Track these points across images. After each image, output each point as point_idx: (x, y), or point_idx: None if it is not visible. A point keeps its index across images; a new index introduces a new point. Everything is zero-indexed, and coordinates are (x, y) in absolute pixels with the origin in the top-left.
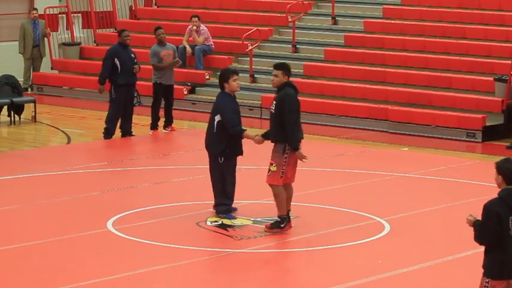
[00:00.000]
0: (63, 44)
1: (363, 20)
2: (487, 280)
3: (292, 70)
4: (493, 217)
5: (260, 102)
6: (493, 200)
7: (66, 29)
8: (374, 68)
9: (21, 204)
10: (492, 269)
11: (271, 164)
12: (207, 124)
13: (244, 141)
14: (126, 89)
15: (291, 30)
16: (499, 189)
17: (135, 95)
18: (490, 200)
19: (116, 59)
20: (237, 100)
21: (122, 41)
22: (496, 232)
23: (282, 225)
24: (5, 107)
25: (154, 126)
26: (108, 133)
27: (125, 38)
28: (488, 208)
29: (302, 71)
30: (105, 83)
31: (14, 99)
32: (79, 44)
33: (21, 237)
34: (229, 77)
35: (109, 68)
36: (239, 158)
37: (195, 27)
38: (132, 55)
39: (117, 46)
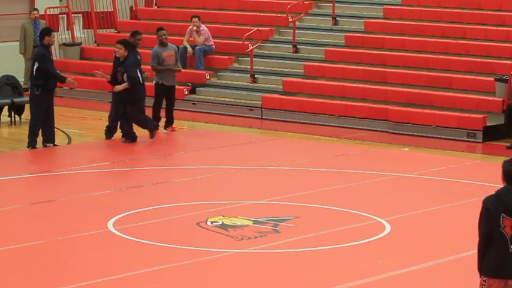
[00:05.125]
0: (64, 44)
1: (363, 20)
2: (484, 279)
3: (292, 70)
4: (485, 211)
5: (260, 102)
6: (490, 195)
7: (67, 29)
8: (374, 68)
9: (21, 204)
10: (487, 267)
11: None
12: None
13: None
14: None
15: (292, 31)
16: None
17: None
18: (487, 196)
19: None
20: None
21: (134, 42)
22: (489, 228)
23: None
24: (6, 107)
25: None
26: (110, 131)
27: (138, 41)
28: (483, 202)
29: (302, 71)
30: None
31: (14, 99)
32: (79, 44)
33: (21, 237)
34: None
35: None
36: (239, 159)
37: (195, 28)
38: (139, 56)
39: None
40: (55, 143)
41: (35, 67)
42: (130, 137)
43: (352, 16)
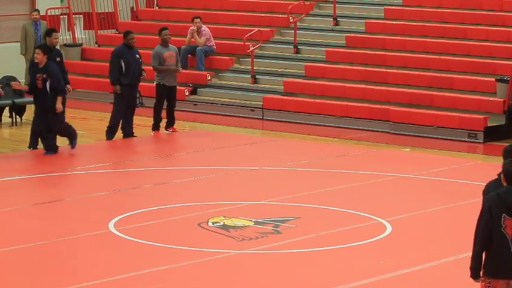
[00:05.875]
0: (65, 45)
1: (364, 21)
2: (488, 280)
3: (293, 71)
4: (486, 210)
5: (261, 103)
6: (490, 195)
7: (68, 30)
8: (375, 69)
9: (23, 205)
10: (489, 267)
11: None
12: None
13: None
14: (129, 89)
15: (293, 31)
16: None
17: (137, 96)
18: (489, 195)
19: (121, 60)
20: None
21: (127, 43)
22: (488, 226)
23: None
24: (7, 108)
25: (156, 127)
26: (111, 132)
27: (130, 41)
28: (484, 202)
29: (303, 71)
30: (118, 82)
31: (15, 100)
32: (80, 45)
33: (22, 238)
34: None
35: (117, 68)
36: (241, 159)
37: (195, 28)
38: (137, 56)
39: (122, 47)
40: (56, 144)
41: None
42: (52, 149)
43: (353, 17)
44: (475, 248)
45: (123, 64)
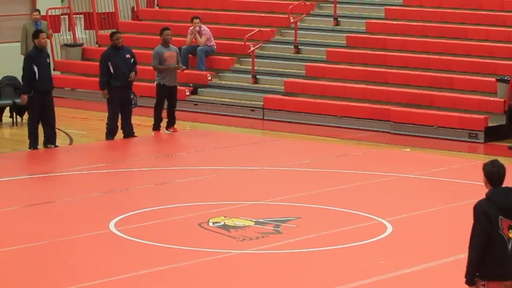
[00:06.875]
0: (65, 45)
1: (365, 21)
2: (482, 283)
3: (294, 71)
4: (482, 216)
5: (262, 103)
6: (481, 200)
7: (68, 30)
8: (376, 69)
9: (23, 205)
10: (485, 270)
11: None
12: None
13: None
14: (121, 90)
15: (293, 31)
16: (487, 190)
17: (132, 96)
18: (479, 201)
19: (108, 63)
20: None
21: (113, 43)
22: (487, 231)
23: None
24: (7, 108)
25: (156, 127)
26: (110, 133)
27: (116, 41)
28: (476, 208)
29: (304, 71)
30: (106, 87)
31: (16, 100)
32: (81, 45)
33: (22, 238)
34: None
35: (105, 72)
36: (241, 159)
37: (197, 28)
38: (128, 55)
39: (110, 49)
40: (56, 144)
41: None
42: None
43: (353, 17)
44: (471, 255)
45: (111, 67)
